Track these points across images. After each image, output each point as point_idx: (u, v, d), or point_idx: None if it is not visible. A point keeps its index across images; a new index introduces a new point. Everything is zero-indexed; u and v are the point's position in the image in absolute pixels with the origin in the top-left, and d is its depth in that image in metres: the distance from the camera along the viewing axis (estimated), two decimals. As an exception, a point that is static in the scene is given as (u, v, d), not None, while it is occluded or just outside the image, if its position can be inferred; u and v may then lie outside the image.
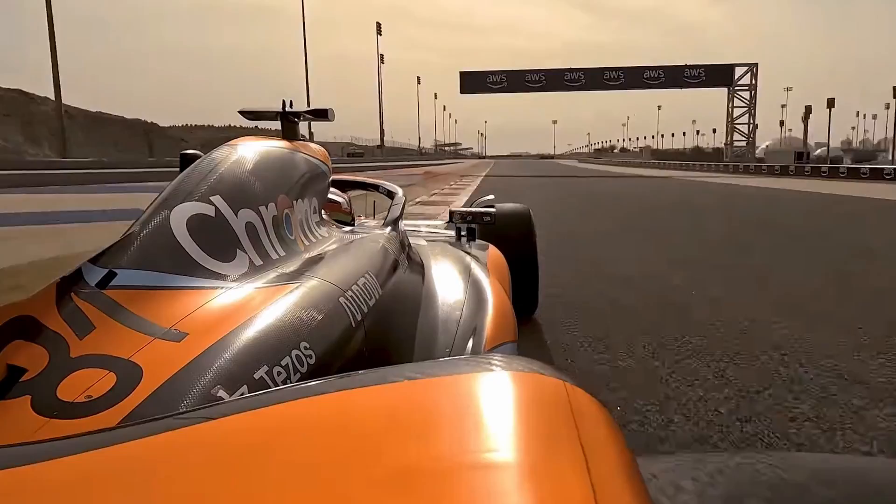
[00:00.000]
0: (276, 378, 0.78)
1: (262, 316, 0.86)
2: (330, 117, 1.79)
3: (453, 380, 0.37)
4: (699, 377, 2.53)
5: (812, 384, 2.44)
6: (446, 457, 0.30)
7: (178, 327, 0.79)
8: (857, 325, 3.27)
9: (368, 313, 1.10)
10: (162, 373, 0.71)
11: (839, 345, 2.93)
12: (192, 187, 1.05)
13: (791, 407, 2.23)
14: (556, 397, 0.35)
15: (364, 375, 0.39)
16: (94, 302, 0.80)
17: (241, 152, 1.24)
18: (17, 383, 0.69)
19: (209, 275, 0.94)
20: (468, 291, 1.66)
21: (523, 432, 0.31)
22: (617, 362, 2.72)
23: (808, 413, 2.17)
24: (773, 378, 2.52)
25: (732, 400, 2.29)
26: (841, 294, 4.18)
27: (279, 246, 1.16)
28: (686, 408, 2.23)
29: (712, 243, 6.86)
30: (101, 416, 0.64)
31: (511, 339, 1.53)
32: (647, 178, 29.90)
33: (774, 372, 2.59)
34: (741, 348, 2.89)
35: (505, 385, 0.36)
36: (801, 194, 16.38)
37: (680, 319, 3.43)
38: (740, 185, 21.57)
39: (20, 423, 0.64)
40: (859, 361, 2.71)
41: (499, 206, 3.09)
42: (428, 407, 0.35)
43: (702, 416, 2.16)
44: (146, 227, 0.94)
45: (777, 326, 3.26)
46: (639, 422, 2.11)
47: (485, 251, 2.33)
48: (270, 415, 0.36)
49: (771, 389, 2.39)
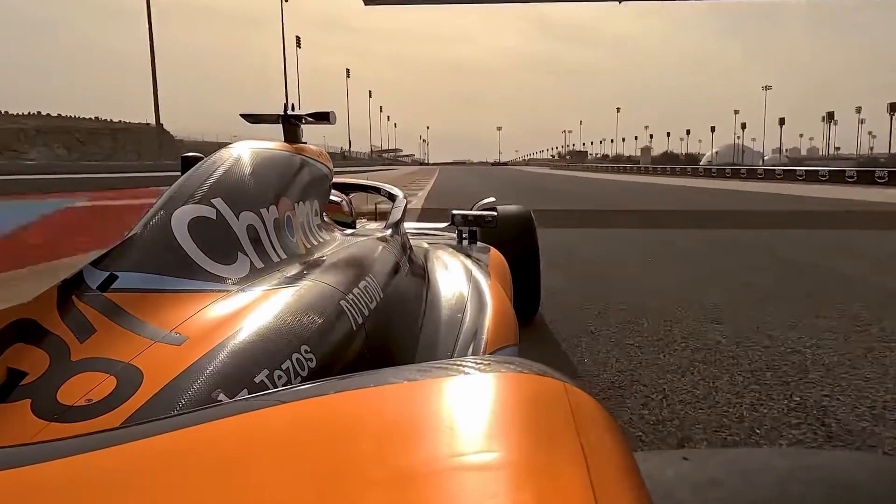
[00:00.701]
0: (276, 382, 0.77)
1: (263, 319, 0.86)
2: (332, 120, 1.79)
3: (453, 381, 0.37)
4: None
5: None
6: (447, 458, 0.30)
7: (179, 330, 0.79)
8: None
9: (370, 316, 1.10)
10: (162, 376, 0.71)
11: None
12: (193, 190, 1.04)
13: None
14: (556, 398, 0.34)
15: (364, 377, 0.39)
16: (95, 305, 0.80)
17: (242, 155, 1.24)
18: (17, 387, 0.69)
19: (210, 278, 0.94)
20: (470, 294, 1.66)
21: (523, 434, 0.31)
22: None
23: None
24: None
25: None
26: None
27: (280, 248, 1.16)
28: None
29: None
30: (102, 419, 0.64)
31: (513, 342, 1.53)
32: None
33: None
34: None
35: (505, 386, 0.35)
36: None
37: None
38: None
39: (20, 427, 0.63)
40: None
41: (500, 209, 3.10)
42: (428, 409, 0.35)
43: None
44: (147, 229, 0.94)
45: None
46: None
47: (486, 254, 2.33)
48: (270, 417, 0.36)
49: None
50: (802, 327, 3.27)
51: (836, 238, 7.63)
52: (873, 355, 2.81)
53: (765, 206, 13.88)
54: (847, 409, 2.23)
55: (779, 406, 2.27)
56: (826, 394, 2.38)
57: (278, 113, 1.73)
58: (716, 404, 2.29)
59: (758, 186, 24.97)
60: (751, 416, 2.18)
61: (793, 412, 2.22)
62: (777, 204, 14.33)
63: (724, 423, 2.14)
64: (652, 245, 6.73)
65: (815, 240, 7.49)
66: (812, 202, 14.84)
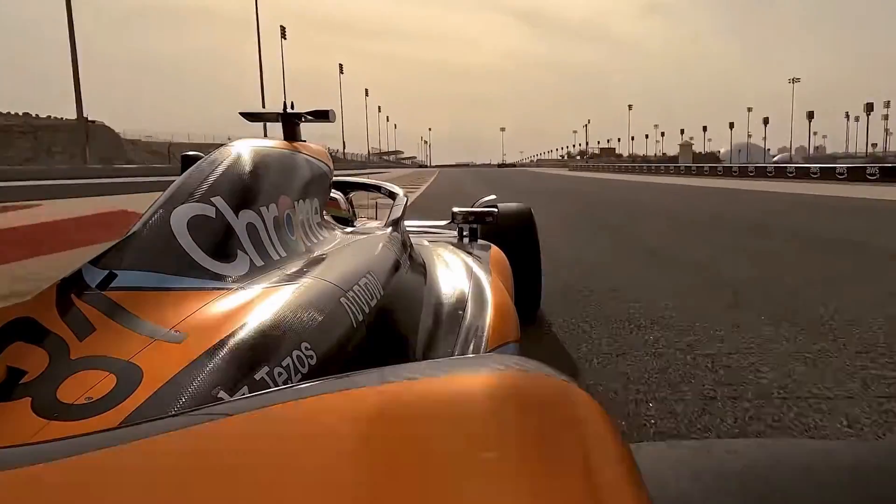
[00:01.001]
0: (276, 379, 0.77)
1: (263, 316, 0.86)
2: (331, 118, 1.79)
3: (452, 380, 0.37)
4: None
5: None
6: (445, 457, 0.30)
7: (179, 328, 0.79)
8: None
9: (370, 314, 1.10)
10: (162, 374, 0.71)
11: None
12: (193, 188, 1.04)
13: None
14: (556, 398, 0.34)
15: (363, 376, 0.39)
16: (94, 303, 0.80)
17: (242, 153, 1.24)
18: (17, 385, 0.69)
19: (210, 276, 0.93)
20: (470, 292, 1.66)
21: (523, 433, 0.31)
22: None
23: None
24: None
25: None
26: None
27: (280, 246, 1.16)
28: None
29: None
30: (102, 417, 0.64)
31: (514, 339, 1.53)
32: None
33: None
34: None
35: (504, 385, 0.35)
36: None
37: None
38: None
39: (20, 425, 0.63)
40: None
41: (501, 206, 3.09)
42: (427, 407, 0.35)
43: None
44: (147, 228, 0.94)
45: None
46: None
47: (487, 251, 2.33)
48: (270, 415, 0.36)
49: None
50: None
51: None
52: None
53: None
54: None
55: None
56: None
57: (278, 111, 1.73)
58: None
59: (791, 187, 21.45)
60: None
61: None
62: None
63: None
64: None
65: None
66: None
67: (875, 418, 2.16)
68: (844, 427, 2.09)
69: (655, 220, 10.00)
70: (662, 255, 6.07)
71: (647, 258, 5.92)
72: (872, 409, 2.23)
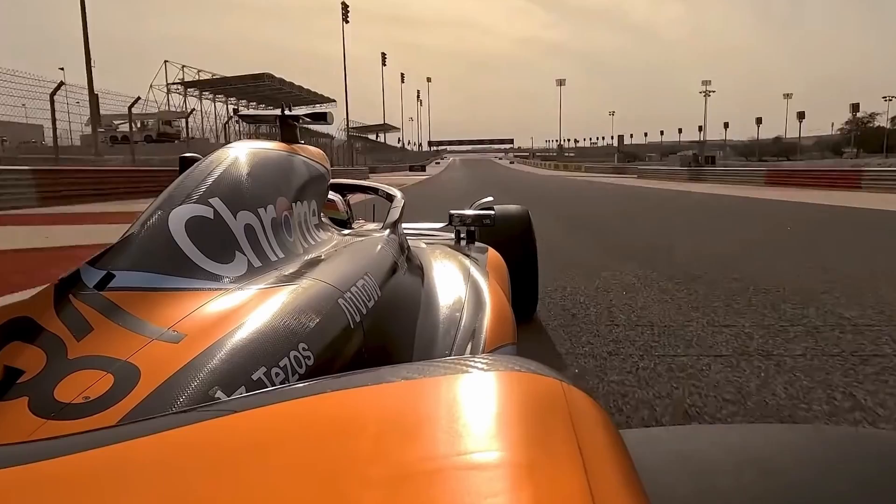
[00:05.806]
0: (273, 379, 0.77)
1: (261, 317, 0.86)
2: (329, 120, 1.80)
3: (450, 380, 0.37)
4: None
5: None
6: (443, 457, 0.30)
7: (176, 328, 0.79)
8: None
9: (367, 315, 1.10)
10: (160, 374, 0.71)
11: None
12: (191, 189, 1.04)
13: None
14: (553, 397, 0.35)
15: (361, 375, 0.39)
16: (91, 303, 0.79)
17: (240, 155, 1.24)
18: (14, 385, 0.69)
19: (207, 276, 0.93)
20: (467, 294, 1.66)
21: (520, 432, 0.31)
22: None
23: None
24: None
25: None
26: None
27: (278, 248, 1.16)
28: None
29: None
30: (99, 417, 0.64)
31: (511, 340, 1.53)
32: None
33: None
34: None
35: (502, 385, 0.35)
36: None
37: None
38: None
39: (18, 425, 0.63)
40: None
41: (498, 209, 3.10)
42: (425, 407, 0.35)
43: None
44: (144, 228, 0.94)
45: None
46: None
47: (484, 254, 2.33)
48: (267, 414, 0.36)
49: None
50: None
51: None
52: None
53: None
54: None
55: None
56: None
57: (275, 113, 1.74)
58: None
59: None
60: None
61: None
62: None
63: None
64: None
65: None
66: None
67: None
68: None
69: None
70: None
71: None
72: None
